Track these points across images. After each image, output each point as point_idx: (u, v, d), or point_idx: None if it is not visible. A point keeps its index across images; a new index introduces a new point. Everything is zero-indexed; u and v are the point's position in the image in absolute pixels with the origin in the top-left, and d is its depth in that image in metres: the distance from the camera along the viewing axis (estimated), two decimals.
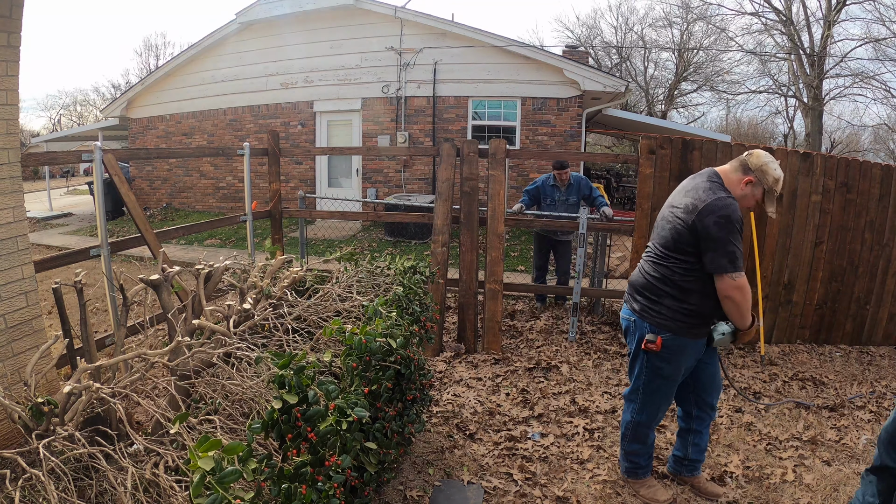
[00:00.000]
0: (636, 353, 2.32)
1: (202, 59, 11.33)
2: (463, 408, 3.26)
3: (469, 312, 4.28)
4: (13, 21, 2.26)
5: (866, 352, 4.42)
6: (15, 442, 2.03)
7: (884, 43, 16.47)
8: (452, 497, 2.43)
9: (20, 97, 2.37)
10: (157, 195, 12.58)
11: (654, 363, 2.27)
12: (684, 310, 2.18)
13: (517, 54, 9.26)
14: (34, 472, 1.50)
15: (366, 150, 9.47)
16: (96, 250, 3.28)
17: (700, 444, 2.47)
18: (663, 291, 2.21)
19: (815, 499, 2.48)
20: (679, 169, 4.29)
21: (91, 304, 5.01)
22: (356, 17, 9.87)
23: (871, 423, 3.20)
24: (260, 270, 2.86)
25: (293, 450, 1.61)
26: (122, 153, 4.15)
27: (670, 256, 2.20)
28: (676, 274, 2.18)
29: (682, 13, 21.19)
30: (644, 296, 2.29)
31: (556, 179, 5.08)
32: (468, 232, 4.33)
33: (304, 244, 5.64)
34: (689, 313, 2.18)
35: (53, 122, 33.84)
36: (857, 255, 4.41)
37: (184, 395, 2.04)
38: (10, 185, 2.32)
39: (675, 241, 2.17)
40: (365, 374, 2.07)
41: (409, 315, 2.58)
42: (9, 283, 2.31)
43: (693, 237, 2.11)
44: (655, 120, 16.49)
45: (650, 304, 2.25)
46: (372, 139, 10.14)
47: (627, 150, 20.00)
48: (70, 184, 21.35)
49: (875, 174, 4.34)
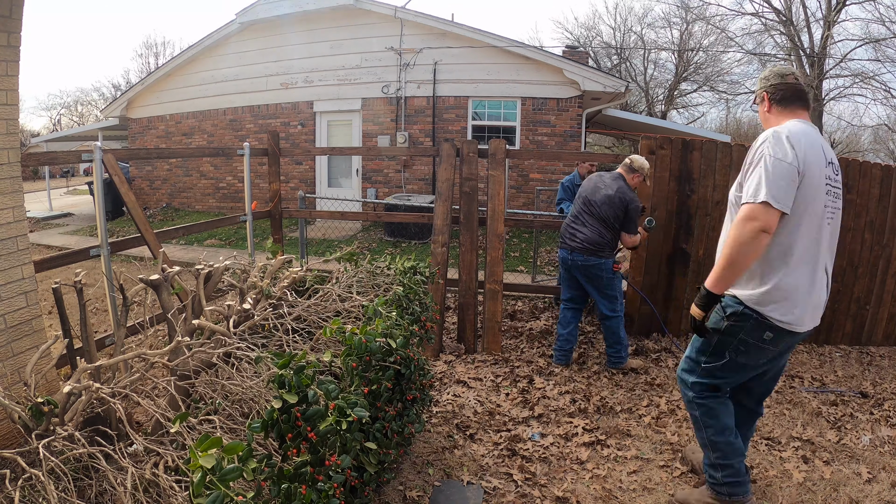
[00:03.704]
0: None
1: (202, 59, 11.33)
2: (463, 408, 3.26)
3: (469, 312, 4.28)
4: (13, 21, 2.26)
5: (866, 352, 4.42)
6: (15, 442, 2.03)
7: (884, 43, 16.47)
8: (452, 497, 2.43)
9: (20, 97, 2.37)
10: (157, 195, 12.58)
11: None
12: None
13: (517, 54, 9.26)
14: (34, 472, 1.50)
15: (366, 150, 9.47)
16: (96, 250, 3.28)
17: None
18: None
19: (815, 499, 2.48)
20: (679, 169, 4.29)
21: (91, 304, 5.01)
22: (356, 18, 9.87)
23: (871, 424, 3.20)
24: (260, 270, 2.86)
25: (293, 449, 1.61)
26: (122, 153, 4.15)
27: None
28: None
29: (681, 13, 21.20)
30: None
31: (582, 178, 5.03)
32: (468, 232, 4.33)
33: (304, 244, 5.65)
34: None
35: (53, 122, 33.86)
36: (857, 255, 4.41)
37: (184, 395, 2.04)
38: (10, 185, 2.32)
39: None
40: (365, 374, 2.07)
41: (409, 315, 2.58)
42: (9, 283, 2.31)
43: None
44: (655, 120, 16.49)
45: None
46: (372, 139, 10.14)
47: (627, 150, 19.98)
48: (70, 184, 21.36)
49: (875, 174, 4.34)
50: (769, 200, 1.83)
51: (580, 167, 5.08)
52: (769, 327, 1.97)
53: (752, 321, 1.99)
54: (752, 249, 1.87)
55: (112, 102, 13.96)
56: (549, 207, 8.07)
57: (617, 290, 3.77)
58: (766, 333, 1.98)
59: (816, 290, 2.00)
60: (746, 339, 2.02)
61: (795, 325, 1.97)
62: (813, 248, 1.96)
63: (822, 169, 1.92)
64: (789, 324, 1.96)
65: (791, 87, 2.06)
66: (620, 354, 3.83)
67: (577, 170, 5.11)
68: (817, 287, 2.00)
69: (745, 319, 2.00)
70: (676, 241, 4.37)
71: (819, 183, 1.92)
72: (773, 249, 1.95)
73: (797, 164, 1.86)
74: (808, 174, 1.89)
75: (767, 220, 1.84)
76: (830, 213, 1.99)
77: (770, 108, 2.10)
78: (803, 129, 1.95)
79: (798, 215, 1.91)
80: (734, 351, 2.06)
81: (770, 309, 1.96)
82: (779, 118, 2.06)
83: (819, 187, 1.92)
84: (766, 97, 2.10)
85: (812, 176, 1.90)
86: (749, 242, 1.86)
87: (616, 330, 3.77)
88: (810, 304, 1.99)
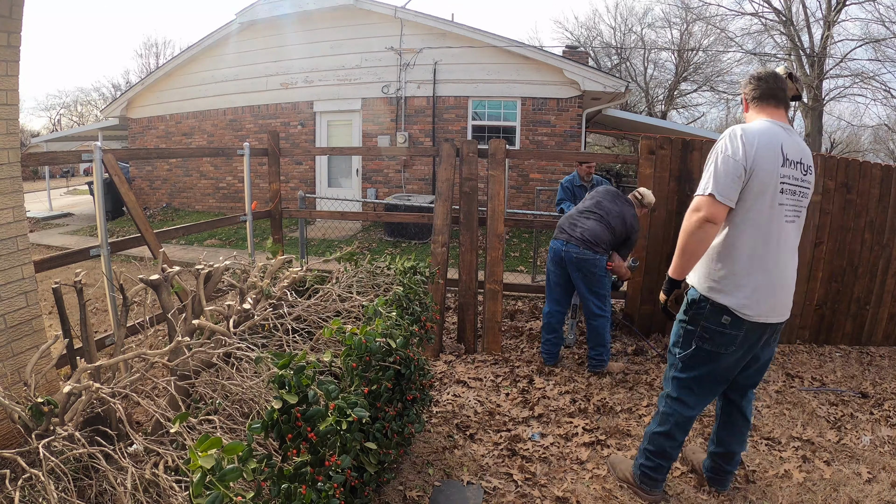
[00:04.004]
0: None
1: (202, 58, 11.33)
2: (463, 408, 3.26)
3: (469, 312, 4.28)
4: (13, 21, 2.26)
5: (866, 352, 4.42)
6: (15, 442, 2.03)
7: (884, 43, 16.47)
8: (452, 497, 2.43)
9: (20, 97, 2.37)
10: (157, 195, 12.58)
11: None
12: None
13: (517, 54, 9.26)
14: (34, 472, 1.50)
15: (366, 150, 9.47)
16: (96, 250, 3.28)
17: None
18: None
19: (815, 499, 2.48)
20: (679, 169, 4.29)
21: (91, 304, 5.02)
22: (356, 18, 9.87)
23: (871, 424, 3.20)
24: (260, 270, 2.86)
25: (293, 450, 1.61)
26: (122, 153, 4.15)
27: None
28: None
29: (681, 13, 21.20)
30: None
31: (581, 179, 5.04)
32: (468, 232, 4.33)
33: (304, 244, 5.64)
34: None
35: (53, 122, 33.86)
36: (857, 256, 4.41)
37: (184, 395, 2.04)
38: (10, 185, 2.32)
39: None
40: (365, 375, 2.07)
41: (409, 315, 2.58)
42: (9, 283, 2.31)
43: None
44: (655, 120, 16.49)
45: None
46: (372, 139, 10.14)
47: (627, 150, 20.00)
48: (70, 184, 21.37)
49: (875, 174, 4.34)
50: (714, 193, 1.97)
51: (579, 168, 5.07)
52: (725, 311, 2.07)
53: (709, 306, 2.10)
54: (699, 238, 2.02)
55: (112, 102, 13.96)
56: (549, 207, 8.06)
57: (607, 290, 3.73)
58: (723, 318, 2.08)
59: (770, 283, 2.05)
60: (707, 325, 2.12)
61: (750, 313, 2.04)
62: (763, 242, 2.03)
63: (774, 169, 1.98)
64: (738, 309, 2.04)
65: (765, 86, 2.12)
66: (602, 358, 3.77)
67: (577, 171, 5.11)
68: (771, 281, 2.06)
69: (702, 306, 2.12)
70: (676, 241, 4.36)
71: (769, 180, 1.98)
72: (721, 242, 2.08)
73: (744, 161, 1.95)
74: (757, 171, 1.96)
75: (711, 212, 1.97)
76: (790, 211, 2.05)
77: (748, 108, 2.20)
78: (764, 127, 2.02)
79: (745, 209, 2.01)
80: (699, 338, 2.15)
81: (721, 297, 2.07)
82: (753, 117, 2.15)
83: (768, 184, 1.98)
84: (744, 98, 2.21)
85: (762, 173, 1.97)
86: (695, 232, 2.01)
87: (602, 331, 3.71)
88: (763, 296, 2.05)
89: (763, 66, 2.28)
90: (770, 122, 2.06)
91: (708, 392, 2.25)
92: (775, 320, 2.10)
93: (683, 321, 2.20)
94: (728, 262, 2.06)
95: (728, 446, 2.40)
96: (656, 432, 2.33)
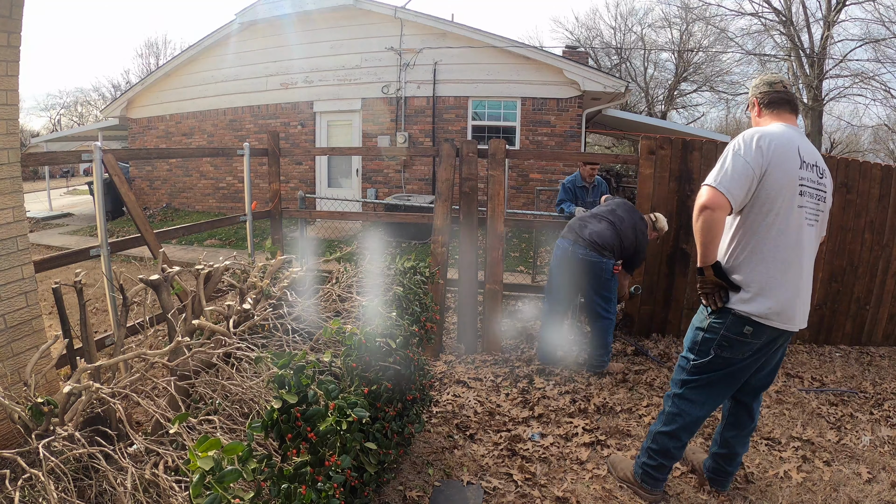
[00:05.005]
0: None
1: (202, 59, 11.33)
2: (463, 408, 3.26)
3: (469, 313, 4.28)
4: (13, 21, 2.26)
5: (866, 352, 4.42)
6: (15, 442, 2.03)
7: (884, 43, 16.47)
8: (452, 497, 2.43)
9: (20, 97, 2.37)
10: (156, 195, 12.58)
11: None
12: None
13: (517, 55, 9.26)
14: (34, 472, 1.50)
15: (366, 150, 9.47)
16: (96, 250, 3.28)
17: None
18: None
19: (815, 499, 2.48)
20: (679, 169, 4.29)
21: (91, 304, 5.01)
22: (356, 18, 9.87)
23: (871, 424, 3.20)
24: (260, 270, 2.86)
25: (293, 450, 1.61)
26: (122, 153, 4.15)
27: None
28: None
29: (681, 13, 21.20)
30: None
31: (583, 180, 5.02)
32: (468, 232, 4.33)
33: (303, 244, 5.64)
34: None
35: (53, 122, 33.86)
36: (857, 256, 4.41)
37: (184, 395, 2.04)
38: (10, 185, 2.32)
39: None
40: (365, 375, 2.07)
41: (409, 315, 2.58)
42: (9, 283, 2.31)
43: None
44: (655, 120, 16.50)
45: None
46: (372, 139, 10.14)
47: (627, 150, 20.00)
48: (70, 184, 21.37)
49: (875, 174, 4.34)
50: (715, 185, 1.99)
51: (582, 169, 5.07)
52: (748, 321, 2.06)
53: (731, 317, 2.09)
54: (703, 226, 2.02)
55: (112, 102, 13.96)
56: (549, 207, 8.06)
57: (613, 293, 3.72)
58: (745, 328, 2.07)
59: (792, 287, 2.05)
60: (728, 335, 2.11)
61: (772, 319, 2.03)
62: (785, 246, 2.03)
63: (793, 170, 1.99)
64: (765, 317, 2.03)
65: (779, 93, 2.16)
66: (603, 360, 3.76)
67: (580, 171, 5.10)
68: (794, 284, 2.05)
69: (725, 316, 2.10)
70: (676, 241, 4.37)
71: (786, 183, 1.98)
72: (742, 249, 2.07)
73: (761, 161, 1.96)
74: (772, 174, 1.97)
75: (711, 199, 1.99)
76: (811, 214, 2.05)
77: (760, 113, 2.22)
78: (781, 131, 2.04)
79: (763, 214, 2.01)
80: (718, 346, 2.14)
81: (745, 306, 2.05)
82: (767, 121, 2.17)
83: (786, 187, 1.99)
84: (756, 102, 2.23)
85: (779, 173, 1.97)
86: (697, 219, 2.04)
87: (605, 333, 3.70)
88: (785, 300, 2.04)
89: (766, 74, 2.30)
90: (787, 126, 2.09)
91: (719, 395, 2.25)
92: (798, 327, 2.09)
93: (701, 328, 2.18)
94: (748, 269, 2.05)
95: (732, 447, 2.40)
96: (661, 432, 2.32)
